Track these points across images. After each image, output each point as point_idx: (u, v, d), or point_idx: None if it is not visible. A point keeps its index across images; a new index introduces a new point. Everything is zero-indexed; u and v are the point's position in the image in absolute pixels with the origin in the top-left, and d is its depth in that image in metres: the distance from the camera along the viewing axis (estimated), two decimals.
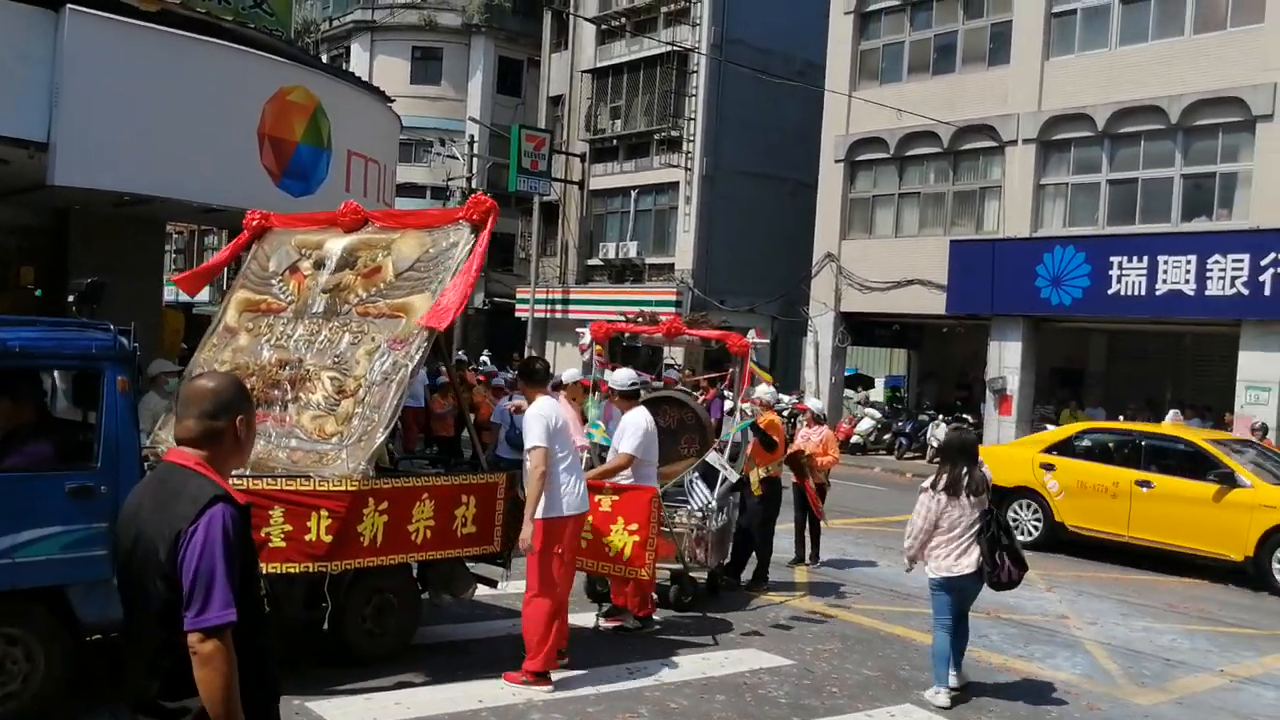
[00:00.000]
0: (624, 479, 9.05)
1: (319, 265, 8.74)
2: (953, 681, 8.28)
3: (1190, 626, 11.24)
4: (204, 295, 49.94)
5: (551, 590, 7.85)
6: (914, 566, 8.61)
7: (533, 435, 7.77)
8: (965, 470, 8.20)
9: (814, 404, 14.05)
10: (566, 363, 22.32)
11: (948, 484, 8.21)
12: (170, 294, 23.62)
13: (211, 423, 3.38)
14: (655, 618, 9.71)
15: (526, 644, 7.83)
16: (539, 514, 7.70)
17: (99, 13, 11.35)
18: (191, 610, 3.13)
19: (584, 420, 11.39)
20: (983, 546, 8.08)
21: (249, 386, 8.11)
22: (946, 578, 8.18)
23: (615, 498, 8.76)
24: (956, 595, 8.29)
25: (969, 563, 8.11)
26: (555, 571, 7.86)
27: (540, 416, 7.82)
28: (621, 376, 9.77)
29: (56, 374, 7.94)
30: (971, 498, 8.17)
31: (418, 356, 7.67)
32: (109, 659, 7.12)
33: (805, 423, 13.47)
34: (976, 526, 8.12)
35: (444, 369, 13.58)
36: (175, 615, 3.17)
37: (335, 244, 8.75)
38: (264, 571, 4.88)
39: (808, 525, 12.99)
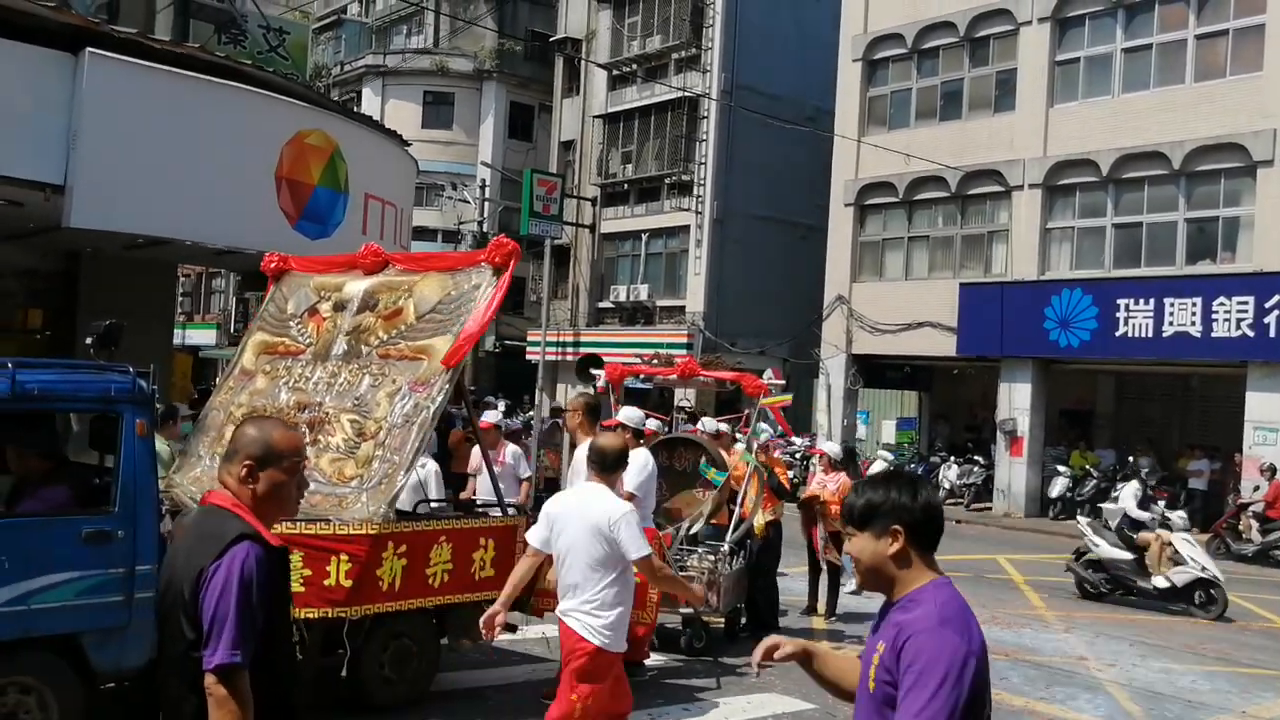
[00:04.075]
0: None
1: (339, 308, 8.72)
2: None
3: (1209, 667, 11.15)
4: (210, 339, 50.19)
5: None
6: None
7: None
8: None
9: (831, 448, 13.36)
10: None
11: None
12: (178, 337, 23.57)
13: (256, 470, 3.37)
14: (647, 663, 9.58)
15: None
16: None
17: (118, 56, 11.38)
18: (207, 650, 3.09)
19: None
20: None
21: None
22: None
23: None
24: None
25: None
26: None
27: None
28: (634, 414, 9.74)
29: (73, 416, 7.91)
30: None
31: (439, 399, 7.65)
32: (123, 708, 7.06)
33: (822, 468, 12.90)
34: None
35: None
36: (198, 654, 3.14)
37: (355, 286, 8.73)
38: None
39: (824, 576, 12.57)
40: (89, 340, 7.39)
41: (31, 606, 6.20)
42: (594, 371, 12.93)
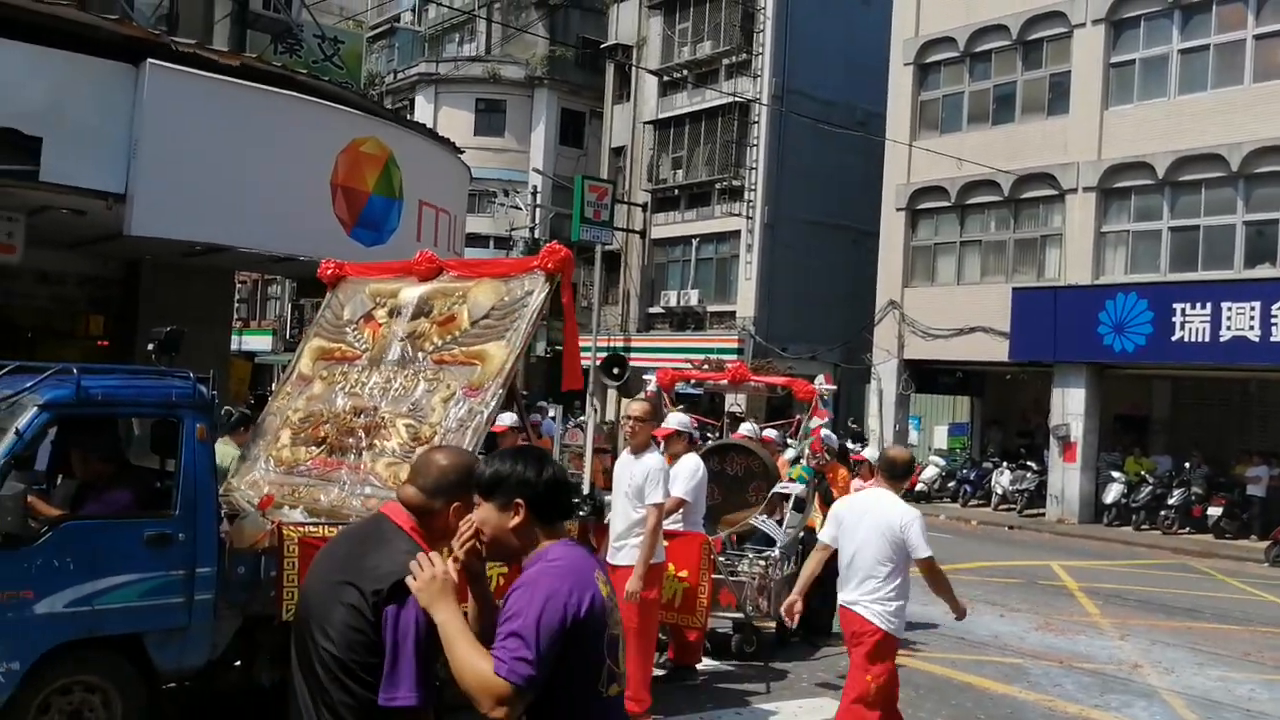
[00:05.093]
0: (674, 525, 9.00)
1: (394, 314, 8.79)
2: None
3: (1268, 676, 11.01)
4: (266, 345, 50.68)
5: (651, 630, 7.99)
6: None
7: (666, 490, 7.94)
8: None
9: (873, 454, 13.17)
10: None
11: None
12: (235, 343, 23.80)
13: (428, 500, 3.33)
14: (699, 667, 9.63)
15: (631, 682, 7.91)
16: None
17: (178, 67, 11.55)
18: (389, 687, 3.08)
19: None
20: None
21: (330, 438, 8.20)
22: None
23: (665, 544, 8.71)
24: None
25: None
26: (655, 614, 8.19)
27: (665, 470, 7.99)
28: (685, 419, 9.78)
29: (135, 421, 8.04)
30: None
31: (493, 404, 7.70)
32: (183, 707, 7.17)
33: (861, 474, 12.46)
34: None
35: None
36: (347, 661, 3.13)
37: (410, 292, 8.80)
38: None
39: None
40: (150, 346, 7.49)
41: (96, 607, 6.32)
42: (644, 377, 12.95)
